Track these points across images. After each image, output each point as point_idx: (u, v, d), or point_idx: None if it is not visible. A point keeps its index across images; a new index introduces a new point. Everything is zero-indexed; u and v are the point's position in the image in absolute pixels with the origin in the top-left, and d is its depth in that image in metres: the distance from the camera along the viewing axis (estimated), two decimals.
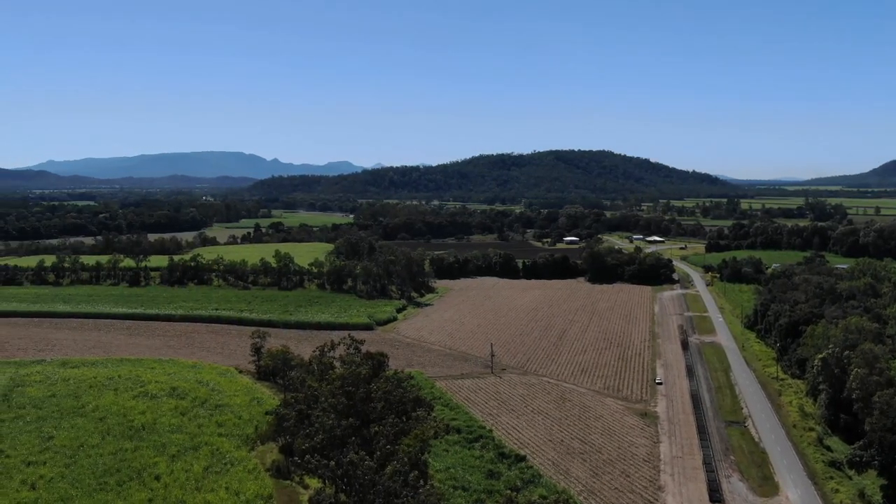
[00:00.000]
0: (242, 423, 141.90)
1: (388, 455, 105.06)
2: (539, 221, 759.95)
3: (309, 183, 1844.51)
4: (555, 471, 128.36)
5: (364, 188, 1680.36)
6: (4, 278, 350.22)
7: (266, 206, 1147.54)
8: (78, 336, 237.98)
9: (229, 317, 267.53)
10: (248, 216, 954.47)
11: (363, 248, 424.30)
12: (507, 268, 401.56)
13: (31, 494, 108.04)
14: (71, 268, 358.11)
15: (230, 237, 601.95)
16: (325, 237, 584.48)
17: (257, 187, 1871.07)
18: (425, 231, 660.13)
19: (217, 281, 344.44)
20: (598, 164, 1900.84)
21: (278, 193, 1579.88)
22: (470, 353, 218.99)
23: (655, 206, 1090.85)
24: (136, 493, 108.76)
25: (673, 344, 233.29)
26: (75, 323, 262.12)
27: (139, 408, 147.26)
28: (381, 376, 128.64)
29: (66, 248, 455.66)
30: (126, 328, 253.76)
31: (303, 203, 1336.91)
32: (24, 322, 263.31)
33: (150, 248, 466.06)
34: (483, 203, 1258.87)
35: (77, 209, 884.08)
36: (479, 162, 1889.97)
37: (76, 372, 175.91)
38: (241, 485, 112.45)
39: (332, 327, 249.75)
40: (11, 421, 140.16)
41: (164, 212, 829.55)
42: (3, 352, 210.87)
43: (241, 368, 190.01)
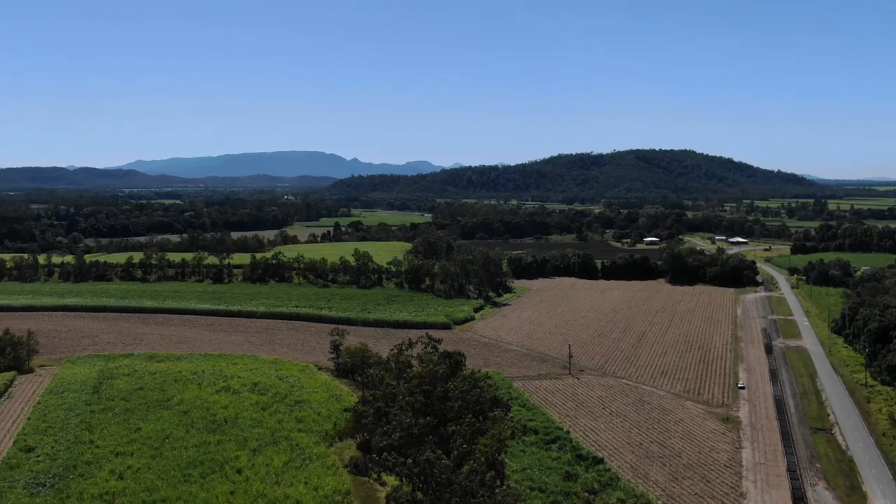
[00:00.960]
0: (321, 420, 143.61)
1: (464, 454, 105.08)
2: (619, 221, 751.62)
3: (388, 182, 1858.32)
4: (633, 474, 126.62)
5: (442, 188, 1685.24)
6: (95, 274, 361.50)
7: (346, 206, 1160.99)
8: (164, 331, 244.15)
9: (309, 314, 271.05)
10: (328, 215, 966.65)
11: (441, 248, 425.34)
12: (585, 268, 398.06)
13: (119, 484, 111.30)
14: (158, 265, 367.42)
15: (310, 236, 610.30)
16: (404, 236, 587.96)
17: (337, 187, 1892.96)
18: (503, 231, 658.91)
19: (297, 279, 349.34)
20: (679, 163, 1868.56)
21: (358, 193, 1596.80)
22: (548, 354, 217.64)
23: (738, 207, 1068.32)
24: (218, 486, 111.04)
25: (756, 348, 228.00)
26: (161, 318, 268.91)
27: (222, 402, 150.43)
28: (459, 375, 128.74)
29: (154, 246, 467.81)
30: (209, 324, 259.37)
31: (381, 202, 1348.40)
32: (114, 317, 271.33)
33: (234, 246, 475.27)
34: (562, 203, 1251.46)
35: (164, 208, 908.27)
36: (558, 161, 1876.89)
37: (162, 366, 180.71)
38: (319, 480, 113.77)
39: (410, 326, 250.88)
40: (101, 412, 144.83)
41: (246, 210, 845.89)
42: (94, 345, 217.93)
43: (320, 365, 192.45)
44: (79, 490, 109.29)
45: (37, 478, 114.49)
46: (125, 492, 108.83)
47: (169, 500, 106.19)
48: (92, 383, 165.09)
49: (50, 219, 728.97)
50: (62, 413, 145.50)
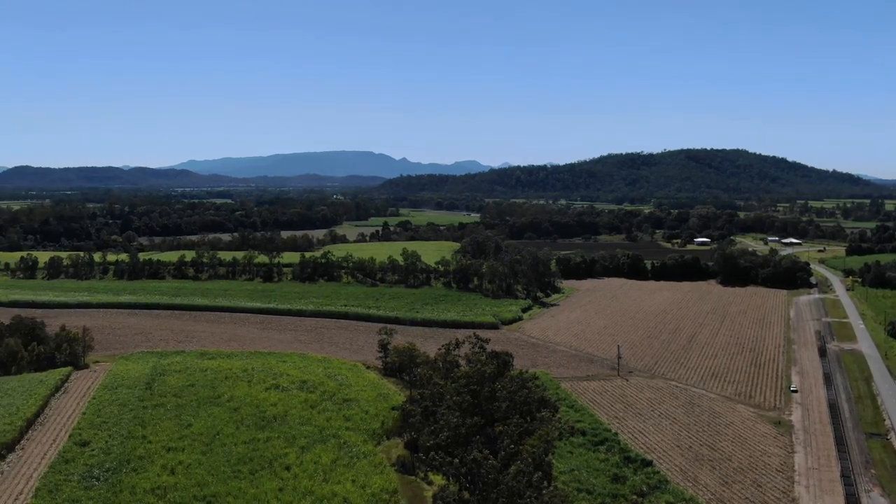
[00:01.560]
0: (369, 418, 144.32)
1: (512, 455, 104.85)
2: (669, 222, 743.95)
3: (436, 182, 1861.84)
4: (682, 477, 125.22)
5: (491, 187, 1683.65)
6: (149, 272, 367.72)
7: (394, 205, 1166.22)
8: (215, 329, 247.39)
9: (357, 313, 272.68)
10: (377, 214, 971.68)
11: (489, 248, 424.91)
12: (635, 268, 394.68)
13: (171, 479, 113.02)
14: (209, 263, 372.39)
15: (359, 235, 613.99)
16: (452, 236, 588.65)
17: (386, 186, 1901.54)
18: (552, 231, 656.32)
19: (346, 278, 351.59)
20: (731, 163, 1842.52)
21: (406, 192, 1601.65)
22: (596, 355, 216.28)
23: (792, 207, 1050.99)
24: (267, 482, 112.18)
25: (809, 350, 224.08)
26: (212, 316, 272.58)
27: (271, 399, 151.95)
28: (506, 376, 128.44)
29: (205, 244, 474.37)
30: (259, 322, 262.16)
31: (430, 202, 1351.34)
32: (167, 314, 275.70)
33: (283, 245, 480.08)
34: (611, 203, 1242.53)
35: (215, 207, 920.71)
36: (607, 161, 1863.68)
37: (213, 363, 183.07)
38: (367, 478, 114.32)
39: (458, 325, 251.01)
40: (154, 408, 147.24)
41: (296, 210, 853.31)
42: (146, 342, 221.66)
43: (368, 364, 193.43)
44: (131, 484, 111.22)
45: (91, 471, 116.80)
46: (176, 487, 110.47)
47: (219, 496, 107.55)
48: (145, 379, 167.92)
49: (105, 218, 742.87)
50: (116, 408, 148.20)
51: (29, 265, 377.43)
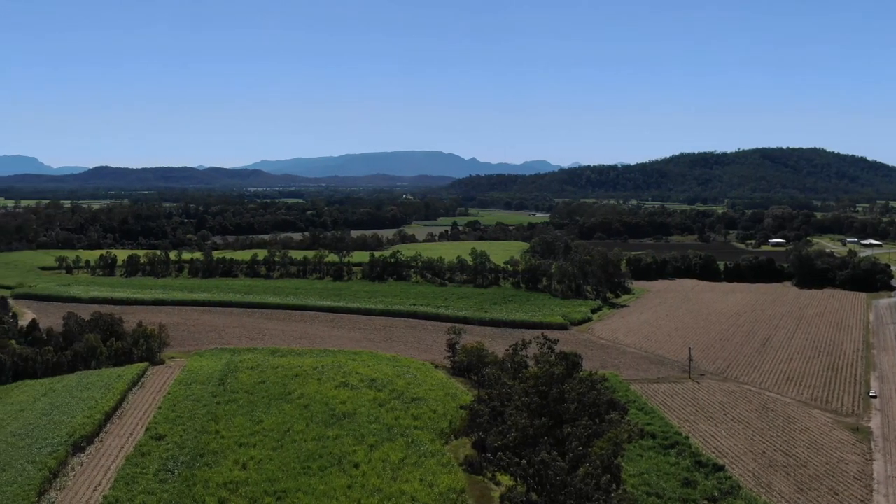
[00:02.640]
0: (437, 417, 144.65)
1: (580, 457, 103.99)
2: (742, 222, 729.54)
3: (505, 182, 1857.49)
4: (755, 483, 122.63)
5: (560, 187, 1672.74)
6: (222, 271, 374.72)
7: (463, 205, 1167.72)
8: (286, 327, 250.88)
9: (426, 312, 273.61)
10: (446, 214, 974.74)
11: (559, 248, 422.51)
12: (707, 270, 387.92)
13: (242, 474, 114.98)
14: (280, 262, 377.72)
15: (428, 234, 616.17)
16: (521, 236, 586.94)
17: (455, 186, 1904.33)
18: (622, 231, 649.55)
19: (415, 277, 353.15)
20: (808, 162, 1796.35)
21: (475, 192, 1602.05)
22: (667, 357, 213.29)
23: (872, 208, 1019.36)
24: (336, 479, 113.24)
25: (890, 355, 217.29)
26: (283, 314, 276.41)
27: (340, 397, 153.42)
28: (575, 377, 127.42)
29: (277, 243, 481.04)
30: (329, 320, 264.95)
31: (499, 202, 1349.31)
32: (239, 312, 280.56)
33: (353, 245, 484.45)
34: (683, 203, 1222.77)
35: (287, 206, 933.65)
36: (679, 161, 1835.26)
37: (284, 361, 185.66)
38: (434, 477, 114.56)
39: (526, 326, 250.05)
40: (226, 404, 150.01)
41: (366, 209, 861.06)
42: (220, 339, 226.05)
43: (436, 363, 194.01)
44: (204, 478, 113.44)
45: (166, 465, 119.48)
46: (247, 482, 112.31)
47: (289, 492, 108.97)
48: (218, 376, 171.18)
49: (181, 217, 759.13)
50: (190, 403, 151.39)
51: (108, 263, 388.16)
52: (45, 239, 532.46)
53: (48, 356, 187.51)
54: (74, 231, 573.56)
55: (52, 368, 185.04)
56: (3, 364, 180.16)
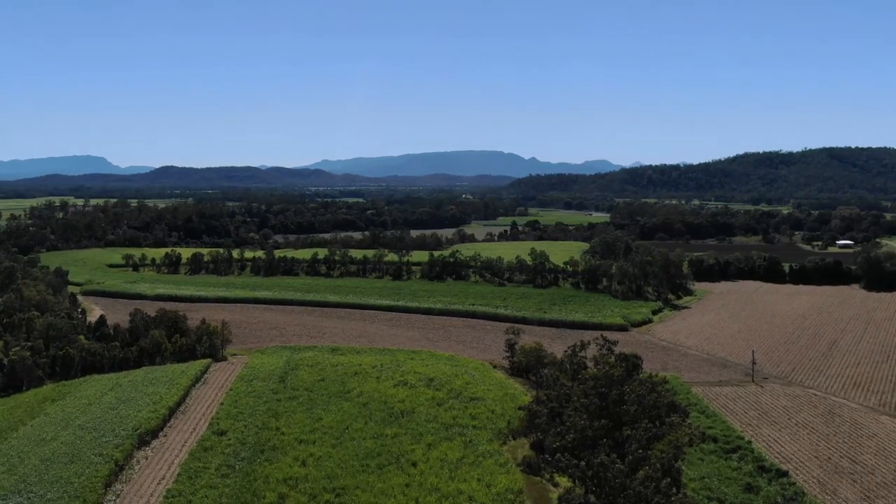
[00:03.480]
0: (495, 417, 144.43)
1: (639, 460, 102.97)
2: (808, 223, 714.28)
3: (565, 182, 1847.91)
4: (820, 490, 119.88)
5: (621, 187, 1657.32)
6: (283, 269, 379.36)
7: (523, 205, 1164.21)
8: (346, 325, 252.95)
9: (485, 312, 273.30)
10: (505, 214, 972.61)
11: (619, 248, 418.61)
12: (771, 271, 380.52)
13: (302, 470, 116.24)
14: (340, 261, 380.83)
15: (487, 234, 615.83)
16: (581, 236, 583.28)
17: (514, 186, 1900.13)
18: (684, 231, 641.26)
19: (474, 277, 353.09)
20: (877, 161, 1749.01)
21: (535, 192, 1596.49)
22: (729, 360, 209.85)
23: None
24: (394, 477, 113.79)
25: None
26: (343, 313, 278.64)
27: (399, 396, 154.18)
28: (635, 379, 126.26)
29: (337, 243, 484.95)
30: (388, 319, 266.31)
31: (558, 201, 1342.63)
32: (300, 310, 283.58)
33: (412, 244, 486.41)
34: (747, 203, 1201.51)
35: (347, 206, 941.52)
36: (743, 160, 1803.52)
37: (343, 359, 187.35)
38: (492, 477, 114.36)
39: (586, 327, 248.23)
40: (287, 401, 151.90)
41: (425, 209, 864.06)
42: (280, 337, 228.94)
43: (494, 363, 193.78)
44: (265, 474, 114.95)
45: (227, 460, 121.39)
46: (307, 478, 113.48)
47: (348, 489, 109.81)
48: (279, 373, 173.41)
49: (243, 216, 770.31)
50: (251, 400, 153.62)
51: (173, 261, 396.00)
52: (112, 237, 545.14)
53: (115, 352, 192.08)
54: (141, 229, 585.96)
55: (118, 363, 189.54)
56: (73, 359, 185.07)
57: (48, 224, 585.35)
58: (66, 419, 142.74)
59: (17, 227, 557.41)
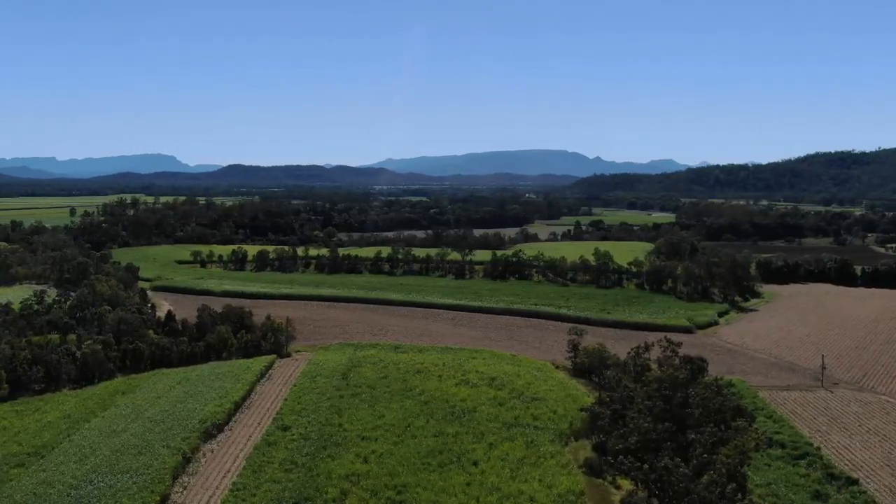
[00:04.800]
0: (557, 418, 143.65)
1: (704, 464, 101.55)
2: (883, 224, 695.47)
3: (630, 181, 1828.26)
4: (892, 499, 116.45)
5: (687, 187, 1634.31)
6: (347, 267, 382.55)
7: (586, 204, 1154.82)
8: (408, 323, 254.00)
9: (547, 312, 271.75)
10: (569, 213, 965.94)
11: (684, 249, 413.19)
12: (842, 274, 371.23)
13: (364, 467, 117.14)
14: (403, 259, 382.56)
15: (550, 234, 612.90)
16: (645, 236, 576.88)
17: (578, 185, 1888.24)
18: (752, 232, 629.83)
19: (537, 276, 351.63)
20: None
21: (599, 191, 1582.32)
22: (797, 364, 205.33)
23: None
24: (455, 476, 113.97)
25: None
26: (405, 311, 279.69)
27: (460, 394, 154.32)
28: (700, 382, 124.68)
29: (400, 241, 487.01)
30: (451, 318, 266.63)
31: (623, 201, 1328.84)
32: (363, 308, 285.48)
33: (475, 243, 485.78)
34: (817, 204, 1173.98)
35: (410, 205, 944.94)
36: (814, 160, 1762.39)
37: (405, 357, 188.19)
38: (553, 478, 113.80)
39: (649, 328, 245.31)
40: (349, 398, 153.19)
41: (488, 208, 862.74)
42: (344, 334, 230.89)
43: (556, 363, 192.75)
44: (327, 470, 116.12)
45: (291, 455, 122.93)
46: (369, 475, 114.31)
47: (409, 487, 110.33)
48: (342, 370, 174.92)
49: (308, 214, 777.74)
50: (315, 396, 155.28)
51: (239, 258, 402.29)
52: (181, 234, 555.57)
53: (183, 346, 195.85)
54: (208, 227, 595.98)
55: (186, 358, 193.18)
56: (142, 353, 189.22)
57: (120, 221, 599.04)
58: (136, 411, 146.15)
59: (90, 224, 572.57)
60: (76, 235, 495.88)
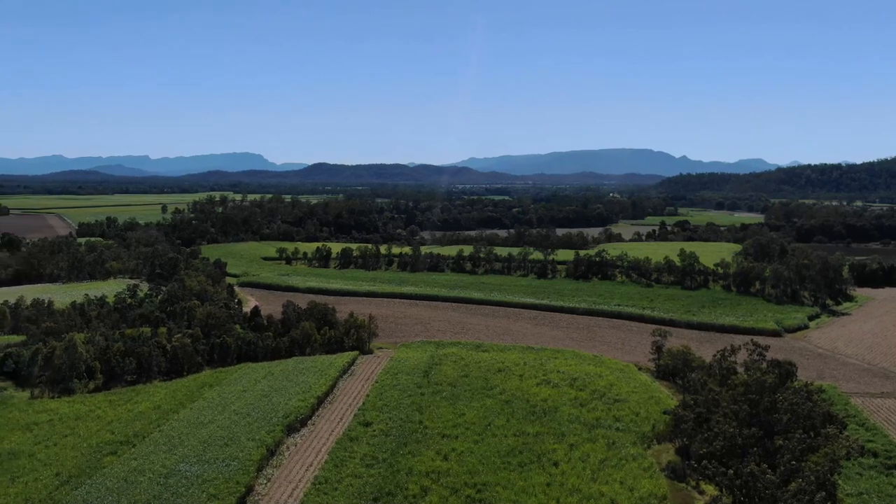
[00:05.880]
0: (639, 420, 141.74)
1: (792, 471, 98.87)
2: None
3: (717, 181, 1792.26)
4: None
5: (777, 187, 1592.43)
6: (429, 265, 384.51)
7: (672, 204, 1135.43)
8: (489, 322, 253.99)
9: (631, 313, 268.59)
10: (654, 213, 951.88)
11: (773, 250, 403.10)
12: None
13: (444, 464, 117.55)
14: (485, 258, 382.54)
15: (635, 234, 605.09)
16: (733, 237, 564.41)
17: (664, 185, 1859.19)
18: (845, 234, 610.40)
19: (620, 277, 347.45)
20: None
21: (685, 191, 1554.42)
22: (892, 371, 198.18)
23: None
24: (535, 476, 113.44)
25: None
26: (487, 310, 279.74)
27: (542, 394, 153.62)
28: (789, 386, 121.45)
29: (482, 240, 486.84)
30: (532, 318, 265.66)
31: (710, 201, 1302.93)
32: (444, 306, 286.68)
33: (558, 242, 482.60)
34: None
35: (493, 203, 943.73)
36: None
37: (486, 356, 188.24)
38: (635, 481, 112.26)
39: (736, 331, 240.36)
40: (430, 395, 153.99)
41: (571, 207, 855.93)
42: (425, 332, 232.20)
43: (639, 365, 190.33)
44: (408, 466, 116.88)
45: (372, 451, 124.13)
46: (449, 472, 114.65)
47: (489, 485, 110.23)
48: (423, 367, 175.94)
49: (391, 212, 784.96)
50: (396, 393, 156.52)
51: (323, 255, 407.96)
52: (267, 231, 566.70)
53: (268, 341, 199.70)
54: (294, 224, 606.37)
55: (271, 353, 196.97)
56: (229, 347, 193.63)
57: (209, 218, 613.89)
58: (223, 404, 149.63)
59: (180, 221, 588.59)
60: (167, 232, 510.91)
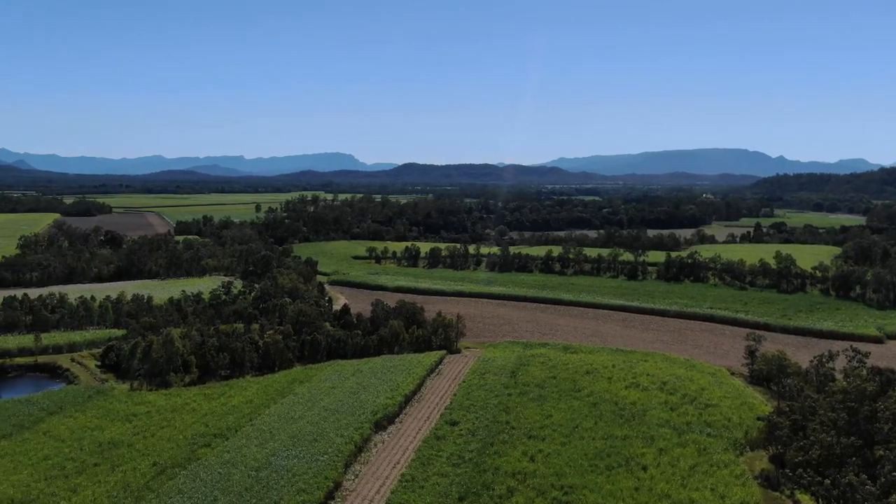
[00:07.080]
0: (731, 426, 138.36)
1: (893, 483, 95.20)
2: None
3: (816, 182, 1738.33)
4: None
5: (880, 188, 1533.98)
6: (517, 265, 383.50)
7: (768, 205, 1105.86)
8: (578, 323, 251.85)
9: (723, 316, 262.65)
10: (749, 215, 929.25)
11: (876, 253, 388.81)
12: None
13: (531, 465, 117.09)
14: (574, 259, 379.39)
15: (729, 236, 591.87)
16: (832, 240, 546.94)
17: (759, 185, 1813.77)
18: None
19: (713, 279, 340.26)
20: None
21: (782, 192, 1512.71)
22: None
23: None
24: (623, 480, 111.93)
25: None
26: (576, 311, 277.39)
27: (630, 398, 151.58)
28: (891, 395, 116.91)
29: (572, 241, 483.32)
30: (621, 320, 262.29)
31: (808, 202, 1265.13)
32: (532, 307, 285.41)
33: (649, 244, 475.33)
34: None
35: (583, 204, 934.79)
36: None
37: (574, 357, 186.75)
38: (727, 488, 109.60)
39: (834, 336, 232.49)
40: (517, 396, 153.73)
41: (663, 208, 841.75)
42: (513, 332, 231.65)
43: (732, 370, 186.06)
44: (494, 466, 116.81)
45: (459, 450, 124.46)
46: (535, 474, 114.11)
47: (575, 488, 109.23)
48: (510, 368, 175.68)
49: (480, 212, 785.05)
50: (483, 393, 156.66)
51: (412, 254, 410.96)
52: (358, 230, 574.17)
53: (357, 339, 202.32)
54: (383, 223, 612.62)
55: (359, 351, 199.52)
56: (319, 344, 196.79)
57: (301, 217, 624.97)
58: (313, 400, 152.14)
59: (273, 220, 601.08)
60: (261, 230, 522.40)
